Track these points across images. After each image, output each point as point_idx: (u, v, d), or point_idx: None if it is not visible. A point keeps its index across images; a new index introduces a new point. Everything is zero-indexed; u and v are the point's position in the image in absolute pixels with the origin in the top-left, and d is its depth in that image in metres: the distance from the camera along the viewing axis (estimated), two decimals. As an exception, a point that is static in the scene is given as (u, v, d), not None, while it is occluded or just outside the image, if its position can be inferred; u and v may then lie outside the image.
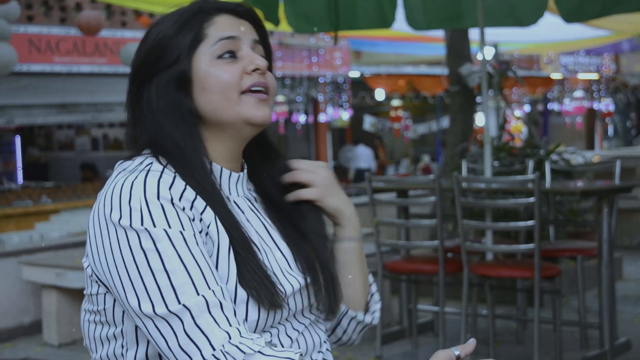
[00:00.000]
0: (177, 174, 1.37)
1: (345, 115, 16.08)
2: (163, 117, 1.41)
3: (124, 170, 1.40)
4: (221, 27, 1.44)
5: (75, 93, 12.50)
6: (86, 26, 7.57)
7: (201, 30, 1.43)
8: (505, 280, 5.80)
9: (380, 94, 17.37)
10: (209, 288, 1.29)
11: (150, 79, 1.43)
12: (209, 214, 1.36)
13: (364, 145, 16.62)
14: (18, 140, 16.00)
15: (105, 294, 1.39)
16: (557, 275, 4.79)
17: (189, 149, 1.40)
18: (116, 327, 1.40)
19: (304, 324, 1.47)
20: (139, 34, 12.23)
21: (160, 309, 1.27)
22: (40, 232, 9.99)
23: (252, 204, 1.50)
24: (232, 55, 1.43)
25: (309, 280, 1.47)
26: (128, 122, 1.47)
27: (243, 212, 1.46)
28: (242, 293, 1.35)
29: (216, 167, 1.45)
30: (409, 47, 12.02)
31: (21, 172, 15.65)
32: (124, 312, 1.37)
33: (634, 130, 25.02)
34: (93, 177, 15.12)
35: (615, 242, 4.99)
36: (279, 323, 1.42)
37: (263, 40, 1.51)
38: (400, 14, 5.48)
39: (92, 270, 1.38)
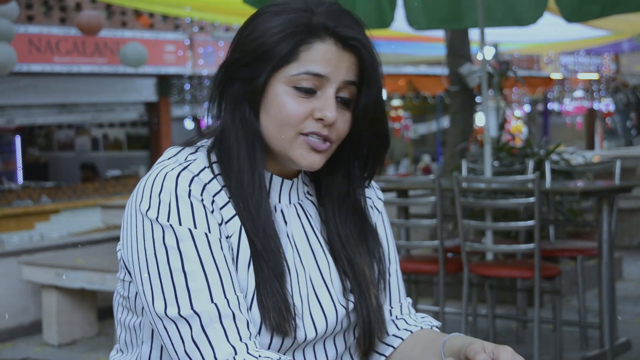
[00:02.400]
0: (218, 177, 1.33)
1: (346, 115, 16.05)
2: (231, 124, 1.35)
3: (169, 159, 1.36)
4: (316, 57, 1.32)
5: (75, 93, 12.52)
6: (86, 26, 7.58)
7: (295, 52, 1.32)
8: (505, 280, 5.79)
9: (380, 94, 17.34)
10: (225, 296, 1.27)
11: (234, 81, 1.35)
12: (234, 225, 1.32)
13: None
14: (18, 140, 16.01)
15: (130, 282, 1.39)
16: (557, 275, 4.79)
17: (243, 162, 1.34)
18: (137, 317, 1.41)
19: (327, 356, 1.42)
20: (139, 34, 12.26)
21: (172, 311, 1.26)
22: (40, 232, 10.00)
23: (305, 211, 1.44)
24: (311, 91, 1.33)
25: (347, 304, 1.41)
26: (210, 107, 1.40)
27: (286, 223, 1.40)
28: (256, 314, 1.31)
29: (266, 174, 1.39)
30: (409, 47, 12.02)
31: (21, 172, 15.67)
32: None
33: (634, 130, 25.03)
34: (93, 177, 15.14)
35: (615, 242, 4.98)
36: (300, 350, 1.38)
37: (370, 75, 1.36)
38: (400, 14, 5.48)
39: (122, 255, 1.38)
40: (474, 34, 7.90)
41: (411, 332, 1.51)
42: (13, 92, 11.66)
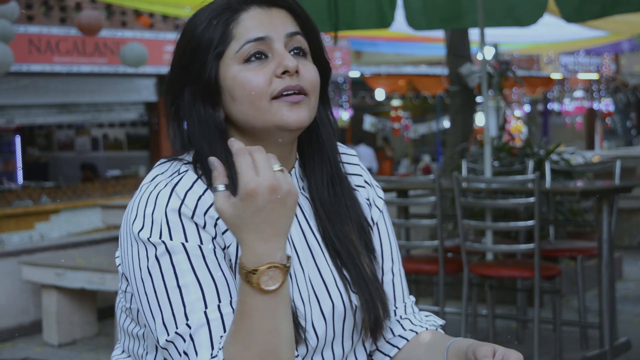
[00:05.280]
0: (209, 188, 1.32)
1: (346, 115, 16.09)
2: (195, 130, 1.35)
3: (162, 174, 1.35)
4: (249, 26, 1.33)
5: (75, 93, 12.50)
6: (87, 26, 7.57)
7: (227, 32, 1.33)
8: (505, 280, 5.79)
9: (380, 94, 17.39)
10: (219, 301, 1.26)
11: (182, 88, 1.36)
12: (231, 235, 1.31)
13: (365, 145, 16.62)
14: (18, 140, 16.00)
15: (132, 295, 1.38)
16: (557, 275, 4.79)
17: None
18: (140, 328, 1.40)
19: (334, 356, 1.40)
20: (139, 34, 12.25)
21: (171, 333, 1.26)
22: (40, 232, 9.99)
23: (302, 209, 1.42)
24: (262, 56, 1.33)
25: (350, 302, 1.39)
26: (169, 127, 1.40)
27: None
28: None
29: None
30: (409, 47, 12.02)
31: (21, 172, 15.65)
32: None
33: (634, 130, 25.02)
34: (93, 177, 15.12)
35: (615, 242, 4.98)
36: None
37: (303, 26, 1.38)
38: (400, 14, 5.48)
39: (122, 268, 1.37)
40: (474, 34, 7.90)
41: (416, 332, 1.50)
42: (13, 92, 11.65)
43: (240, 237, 1.16)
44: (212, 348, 1.23)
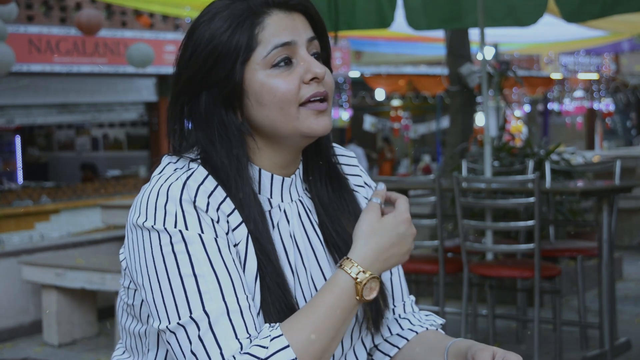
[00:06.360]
0: (219, 185, 1.32)
1: (345, 115, 16.10)
2: (210, 134, 1.34)
3: (172, 167, 1.35)
4: (274, 30, 1.33)
5: (75, 93, 12.51)
6: (86, 25, 7.56)
7: (253, 37, 1.32)
8: (505, 280, 5.80)
9: (380, 94, 17.40)
10: (235, 294, 1.25)
11: (199, 92, 1.35)
12: (242, 232, 1.31)
13: (355, 145, 16.59)
14: (18, 140, 16.01)
15: (135, 290, 1.37)
16: (557, 275, 4.79)
17: (232, 169, 1.32)
18: (142, 325, 1.39)
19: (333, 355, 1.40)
20: (139, 34, 12.25)
21: (184, 317, 1.24)
22: (40, 232, 10.00)
23: (305, 208, 1.44)
24: (288, 61, 1.34)
25: None
26: (171, 129, 1.39)
27: (289, 223, 1.40)
28: (262, 321, 1.31)
29: (266, 175, 1.38)
30: (409, 47, 12.03)
31: (21, 172, 15.66)
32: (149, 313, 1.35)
33: (634, 130, 25.03)
34: (93, 177, 15.13)
35: (615, 242, 4.98)
36: None
37: (318, 30, 1.39)
38: (400, 14, 5.48)
39: (127, 264, 1.36)
40: (474, 34, 7.90)
41: (416, 332, 1.51)
42: (13, 92, 11.65)
43: (368, 240, 1.32)
44: (238, 340, 1.23)
